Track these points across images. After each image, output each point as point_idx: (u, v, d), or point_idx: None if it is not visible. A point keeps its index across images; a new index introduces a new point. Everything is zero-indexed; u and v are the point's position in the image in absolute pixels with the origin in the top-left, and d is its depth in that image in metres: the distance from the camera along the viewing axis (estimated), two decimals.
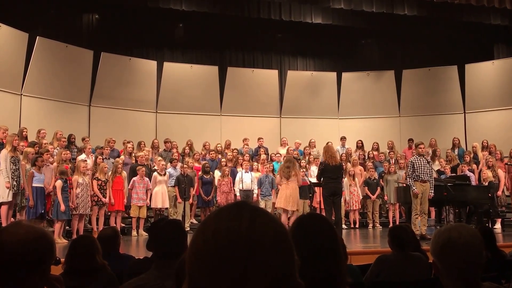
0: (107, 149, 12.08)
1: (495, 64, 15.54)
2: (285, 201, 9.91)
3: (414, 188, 9.27)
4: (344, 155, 13.73)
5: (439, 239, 1.87)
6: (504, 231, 10.87)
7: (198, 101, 15.47)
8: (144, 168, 11.43)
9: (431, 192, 9.33)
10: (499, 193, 11.64)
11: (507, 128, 14.70)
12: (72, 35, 14.46)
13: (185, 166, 11.89)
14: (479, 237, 1.89)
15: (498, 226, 11.26)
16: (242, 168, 12.42)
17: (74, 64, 13.96)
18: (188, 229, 11.39)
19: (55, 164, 10.44)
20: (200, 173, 12.35)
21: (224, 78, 15.90)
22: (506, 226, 11.46)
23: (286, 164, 10.17)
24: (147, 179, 11.46)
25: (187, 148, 13.54)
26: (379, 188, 13.02)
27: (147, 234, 9.22)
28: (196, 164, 12.67)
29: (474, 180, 11.95)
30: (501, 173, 11.92)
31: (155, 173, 11.55)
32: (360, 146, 14.77)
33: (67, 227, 10.12)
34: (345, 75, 16.69)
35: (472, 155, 13.29)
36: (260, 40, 16.53)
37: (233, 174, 12.45)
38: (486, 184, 11.08)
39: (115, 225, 10.50)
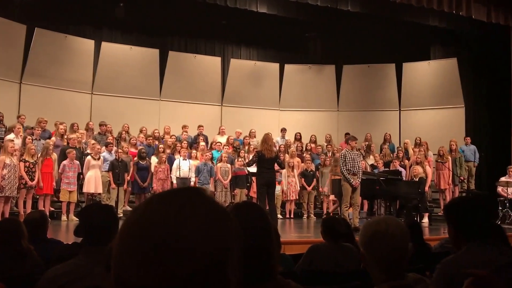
0: (38, 130, 11.65)
1: (431, 65, 16.14)
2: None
3: (351, 180, 9.49)
4: (283, 146, 13.89)
5: (367, 231, 1.94)
6: (431, 225, 11.37)
7: (136, 85, 15.17)
8: (74, 151, 11.10)
9: (358, 181, 9.59)
10: (426, 188, 12.17)
11: (439, 127, 15.31)
12: (3, 8, 13.74)
13: (120, 151, 11.65)
14: (406, 230, 1.97)
15: (425, 220, 11.74)
16: (180, 155, 12.33)
17: (5, 39, 13.30)
18: (121, 215, 11.20)
19: None
20: (135, 158, 12.14)
21: (165, 62, 15.65)
22: (433, 220, 11.96)
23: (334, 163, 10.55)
24: (78, 162, 11.15)
25: (123, 132, 13.27)
26: (315, 179, 13.28)
27: (77, 219, 8.99)
28: (132, 149, 12.45)
29: (405, 176, 12.42)
30: (428, 169, 12.45)
31: (88, 157, 11.27)
32: (298, 138, 14.99)
33: None
34: (287, 67, 16.84)
35: (404, 151, 13.78)
36: (204, 25, 16.35)
37: (171, 161, 12.34)
38: (417, 179, 11.53)
39: (43, 209, 10.16)
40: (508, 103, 14.00)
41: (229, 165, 12.54)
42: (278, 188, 11.65)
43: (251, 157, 12.89)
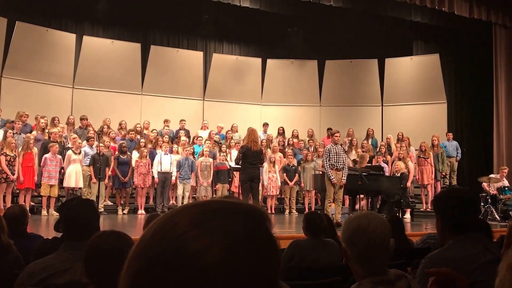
0: (18, 124, 11.51)
1: (413, 60, 16.26)
2: None
3: (332, 177, 9.53)
4: (265, 141, 13.90)
5: (349, 226, 1.94)
6: (413, 221, 11.45)
7: (118, 79, 15.04)
8: (57, 145, 11.00)
9: (344, 179, 9.66)
10: (408, 184, 12.28)
11: (421, 122, 15.45)
12: None
13: (101, 145, 11.56)
14: (387, 225, 1.98)
15: (407, 216, 11.85)
16: (162, 150, 12.27)
17: None
18: (102, 210, 11.15)
19: None
20: (116, 153, 12.06)
21: (147, 56, 15.54)
22: (415, 216, 12.06)
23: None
24: (60, 157, 11.04)
25: (105, 127, 13.17)
26: (297, 175, 13.32)
27: (58, 214, 8.90)
28: (113, 144, 12.36)
29: (387, 171, 12.52)
30: (411, 165, 12.56)
31: (69, 151, 11.16)
32: (281, 133, 15.02)
33: None
34: (270, 62, 16.84)
35: (386, 147, 13.88)
36: (186, 20, 16.25)
37: (152, 156, 12.28)
38: (399, 175, 11.63)
39: (24, 203, 10.04)
40: (490, 99, 14.18)
41: (210, 160, 12.52)
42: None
43: (233, 152, 12.91)
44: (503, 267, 1.01)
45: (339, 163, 9.61)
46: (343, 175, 9.67)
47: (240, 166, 9.61)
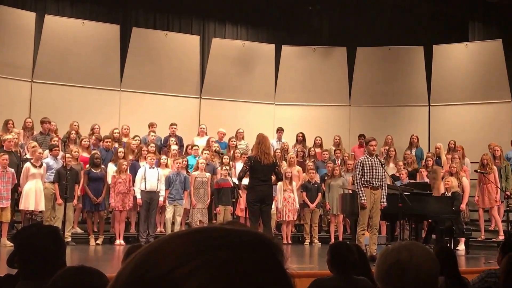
0: None
1: (469, 47, 16.21)
2: None
3: (362, 197, 9.50)
4: (279, 151, 13.88)
5: (385, 261, 1.94)
6: (468, 254, 11.36)
7: (90, 71, 15.10)
8: (7, 156, 11.02)
9: (383, 202, 9.62)
10: (462, 206, 12.20)
11: (479, 127, 15.37)
12: None
13: (68, 156, 11.60)
14: (435, 259, 1.98)
15: (461, 247, 11.75)
16: (146, 163, 12.30)
17: None
18: (69, 239, 11.15)
19: None
20: (87, 166, 12.10)
21: (127, 41, 15.61)
22: (471, 248, 11.95)
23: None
24: (13, 171, 11.07)
25: (73, 132, 13.22)
26: (320, 194, 13.29)
27: (11, 244, 8.93)
28: (84, 154, 12.40)
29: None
30: (465, 182, 12.50)
31: (27, 164, 11.21)
32: (300, 140, 15.01)
33: None
34: (285, 49, 16.86)
35: (435, 159, 13.82)
36: None
37: (134, 170, 12.31)
38: (450, 195, 11.56)
39: None
40: None
41: (207, 175, 12.52)
42: (272, 205, 11.61)
43: (237, 165, 12.90)
44: None
45: (376, 180, 9.57)
46: (382, 195, 9.63)
47: (247, 184, 9.59)
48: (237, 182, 10.33)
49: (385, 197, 9.64)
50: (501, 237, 12.57)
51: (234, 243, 0.75)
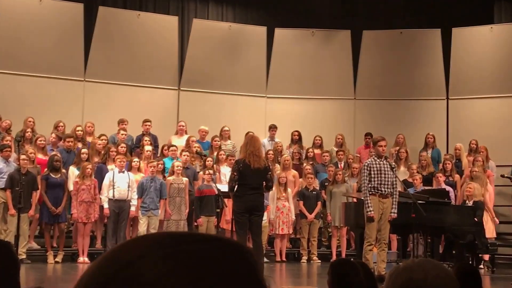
0: None
1: (494, 31, 16.25)
2: None
3: (369, 207, 9.51)
4: (271, 152, 13.89)
5: (396, 281, 1.96)
6: (493, 273, 11.44)
7: (48, 57, 15.05)
8: None
9: (393, 213, 9.64)
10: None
11: (505, 124, 15.39)
12: None
13: (23, 157, 11.57)
14: (454, 280, 2.00)
15: (485, 265, 11.83)
16: (115, 166, 12.29)
17: None
18: (24, 256, 11.13)
19: None
20: (45, 170, 12.08)
21: (93, 23, 15.57)
22: (497, 266, 12.01)
23: None
24: None
25: (29, 130, 13.19)
26: (319, 203, 13.32)
27: None
28: (41, 156, 12.38)
29: (455, 198, 12.49)
30: (490, 188, 12.56)
31: None
32: (296, 140, 15.02)
33: None
34: (279, 32, 16.86)
35: (454, 161, 13.85)
36: None
37: (100, 175, 12.29)
38: (471, 204, 11.60)
39: None
40: None
41: (184, 180, 12.50)
42: (264, 216, 11.60)
43: (222, 169, 12.89)
44: None
45: (385, 186, 9.59)
46: (393, 204, 9.64)
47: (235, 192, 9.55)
48: (222, 190, 10.31)
49: (395, 206, 9.67)
50: None
51: (202, 239, 0.83)
